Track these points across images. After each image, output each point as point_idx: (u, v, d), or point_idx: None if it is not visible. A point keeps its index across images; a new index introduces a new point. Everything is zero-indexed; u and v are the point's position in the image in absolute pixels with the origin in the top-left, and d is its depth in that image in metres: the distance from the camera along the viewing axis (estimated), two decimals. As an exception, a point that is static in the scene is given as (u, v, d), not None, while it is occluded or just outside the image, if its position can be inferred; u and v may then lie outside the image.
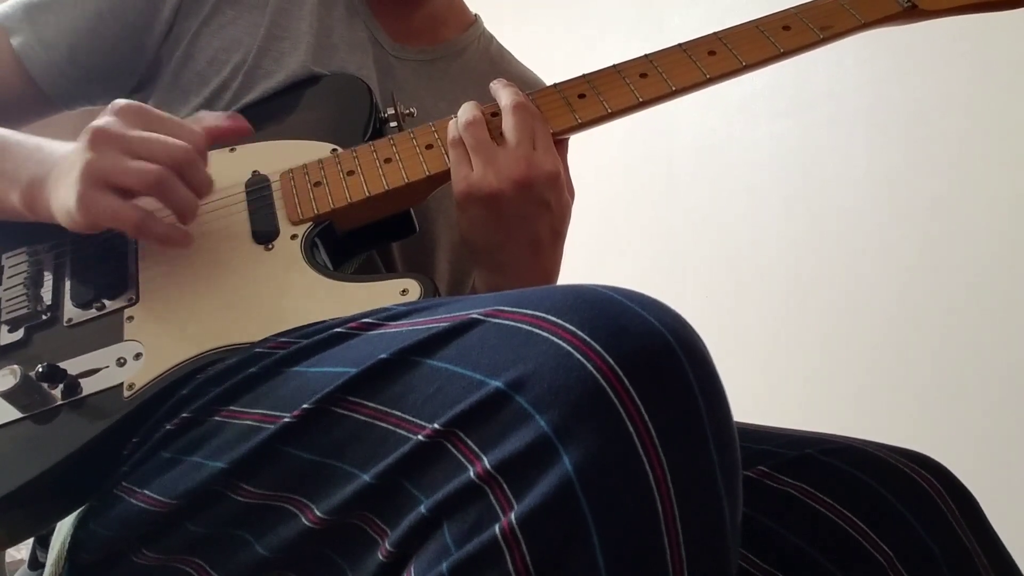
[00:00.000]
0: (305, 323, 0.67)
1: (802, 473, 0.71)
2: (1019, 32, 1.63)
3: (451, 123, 0.79)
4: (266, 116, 0.87)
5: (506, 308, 0.51)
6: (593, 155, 1.63)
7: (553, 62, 1.07)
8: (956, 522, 0.69)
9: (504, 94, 0.78)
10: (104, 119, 0.70)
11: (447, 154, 0.78)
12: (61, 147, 0.75)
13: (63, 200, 0.70)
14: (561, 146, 0.80)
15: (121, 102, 0.72)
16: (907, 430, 1.04)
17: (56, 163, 0.73)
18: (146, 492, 0.64)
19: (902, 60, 1.82)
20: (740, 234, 2.11)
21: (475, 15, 1.07)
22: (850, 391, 1.87)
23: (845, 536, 0.68)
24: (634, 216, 2.34)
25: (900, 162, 1.83)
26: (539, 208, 0.76)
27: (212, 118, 0.78)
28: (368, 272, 0.91)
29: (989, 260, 1.69)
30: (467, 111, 0.78)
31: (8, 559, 1.24)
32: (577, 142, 1.01)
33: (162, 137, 0.70)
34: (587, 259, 1.96)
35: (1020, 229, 1.65)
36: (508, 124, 0.76)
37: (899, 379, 1.80)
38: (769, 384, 1.88)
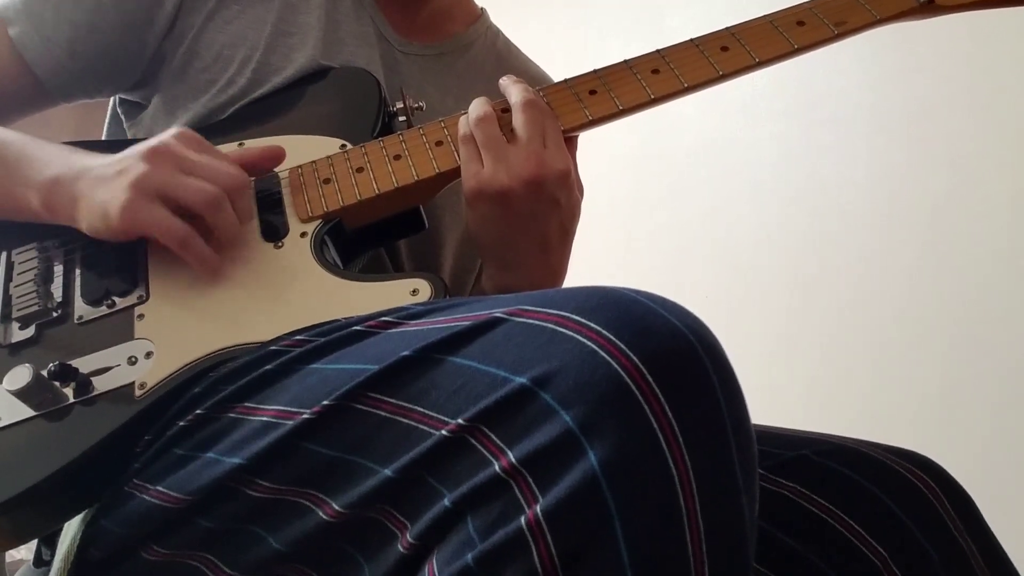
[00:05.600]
0: (316, 322, 0.67)
1: (797, 474, 0.71)
2: (1020, 31, 1.63)
3: (462, 119, 0.78)
4: (275, 110, 0.87)
5: (530, 308, 0.51)
6: (594, 154, 1.63)
7: (553, 62, 1.07)
8: (953, 524, 0.69)
9: (514, 91, 0.78)
10: (163, 138, 0.73)
11: (457, 151, 0.78)
12: (87, 157, 0.76)
13: (101, 203, 0.72)
14: (571, 143, 0.80)
15: (178, 129, 0.75)
16: (906, 431, 1.05)
17: (86, 169, 0.74)
18: (159, 488, 0.64)
19: (904, 59, 1.82)
20: (741, 234, 2.11)
21: (481, 9, 1.07)
22: (850, 391, 1.88)
23: (840, 538, 0.68)
24: (635, 215, 2.34)
25: (902, 162, 1.83)
26: (549, 206, 0.75)
27: (254, 151, 0.81)
28: (374, 268, 0.91)
29: (991, 260, 1.69)
30: (478, 107, 0.78)
31: (8, 559, 1.23)
32: (579, 140, 1.00)
33: (217, 162, 0.74)
34: (587, 258, 1.95)
35: (1022, 229, 1.66)
36: (518, 121, 0.76)
37: (899, 379, 1.81)
38: (770, 384, 1.88)
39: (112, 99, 0.97)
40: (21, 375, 0.67)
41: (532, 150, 0.74)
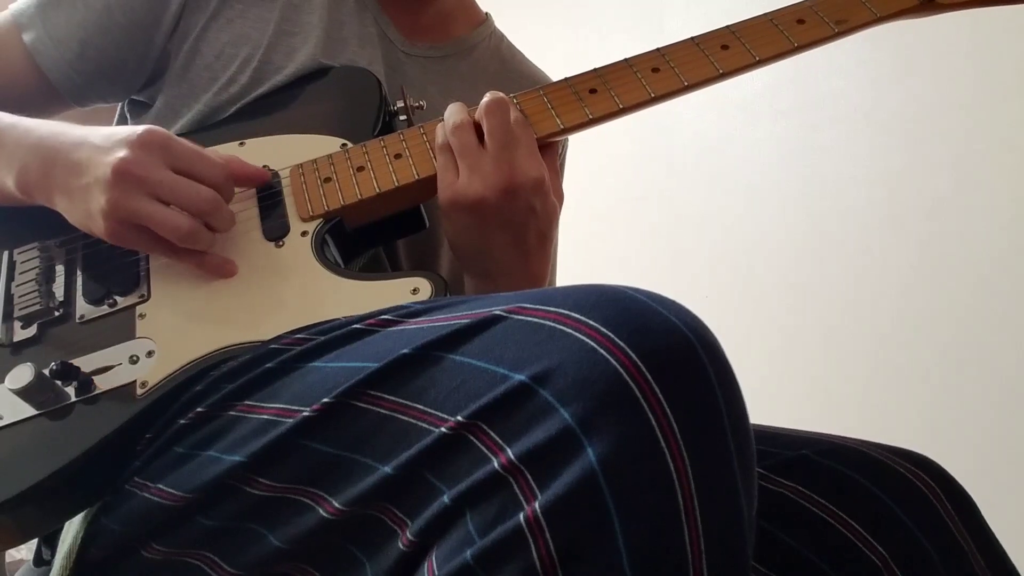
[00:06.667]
0: (316, 321, 0.67)
1: (797, 474, 0.71)
2: (1020, 31, 1.63)
3: (438, 127, 0.78)
4: (276, 109, 0.87)
5: (528, 305, 0.51)
6: (593, 154, 1.63)
7: (553, 62, 1.07)
8: (953, 523, 0.69)
9: (486, 96, 0.77)
10: (125, 153, 0.70)
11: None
12: (54, 135, 0.75)
13: (82, 220, 0.72)
14: (551, 149, 0.79)
15: (142, 133, 0.71)
16: (906, 431, 1.05)
17: (56, 154, 0.73)
18: (160, 486, 0.64)
19: (903, 60, 1.82)
20: (740, 234, 2.11)
21: (486, 13, 1.07)
22: (850, 391, 1.88)
23: (840, 538, 0.68)
24: (633, 216, 2.34)
25: (901, 162, 1.83)
26: (525, 214, 0.75)
27: (239, 162, 0.79)
28: (373, 267, 0.91)
29: (990, 260, 1.69)
30: (454, 114, 0.77)
31: (8, 559, 1.23)
32: (576, 141, 1.00)
33: (189, 186, 0.71)
34: (586, 258, 1.96)
35: (1021, 229, 1.66)
36: (487, 127, 0.75)
37: (899, 379, 1.80)
38: (769, 384, 1.88)
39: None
40: (23, 374, 0.67)
41: (504, 157, 0.73)
